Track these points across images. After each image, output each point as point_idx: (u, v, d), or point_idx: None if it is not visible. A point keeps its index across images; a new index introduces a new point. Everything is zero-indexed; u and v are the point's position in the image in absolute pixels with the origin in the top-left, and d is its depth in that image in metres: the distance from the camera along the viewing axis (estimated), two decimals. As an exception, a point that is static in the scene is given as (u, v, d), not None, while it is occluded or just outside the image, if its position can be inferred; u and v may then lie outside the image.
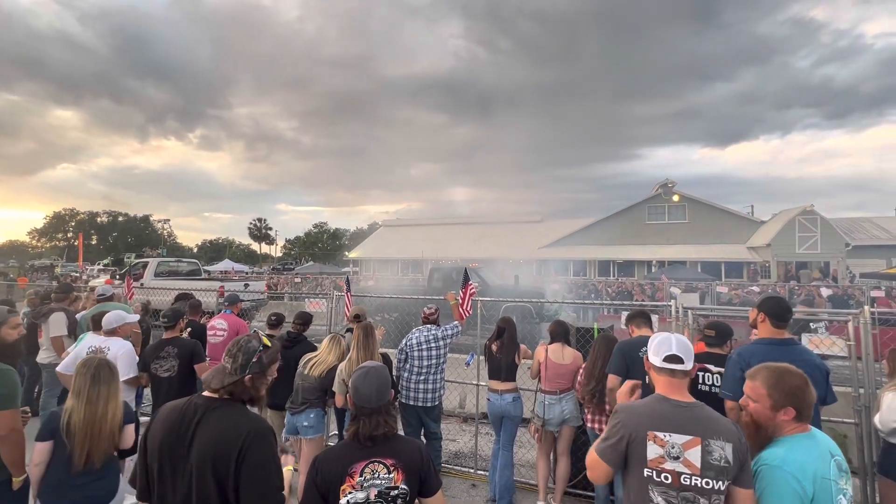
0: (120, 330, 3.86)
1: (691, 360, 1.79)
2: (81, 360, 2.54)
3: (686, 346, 1.82)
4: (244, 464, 1.59)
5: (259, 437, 1.64)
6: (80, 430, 2.33)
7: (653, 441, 1.68)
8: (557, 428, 3.87)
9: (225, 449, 1.60)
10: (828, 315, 5.79)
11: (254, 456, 1.60)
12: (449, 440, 5.42)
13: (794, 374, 1.71)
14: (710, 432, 1.65)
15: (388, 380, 1.84)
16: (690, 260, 26.65)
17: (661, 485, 1.66)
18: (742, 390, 2.69)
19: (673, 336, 1.84)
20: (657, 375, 1.83)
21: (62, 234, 75.58)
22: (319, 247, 76.98)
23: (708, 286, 17.24)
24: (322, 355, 3.85)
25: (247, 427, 1.65)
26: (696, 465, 1.62)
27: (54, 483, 2.34)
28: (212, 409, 1.68)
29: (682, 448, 1.65)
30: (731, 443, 1.63)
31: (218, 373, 1.74)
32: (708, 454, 1.62)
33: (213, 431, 1.63)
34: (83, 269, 36.12)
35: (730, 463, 1.61)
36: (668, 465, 1.66)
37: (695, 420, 1.69)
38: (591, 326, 4.60)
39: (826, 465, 1.56)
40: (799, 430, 1.65)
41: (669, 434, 1.67)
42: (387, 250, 37.66)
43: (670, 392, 1.78)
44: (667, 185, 29.64)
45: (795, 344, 2.74)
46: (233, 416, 1.68)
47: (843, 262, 24.02)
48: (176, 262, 16.56)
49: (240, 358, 1.73)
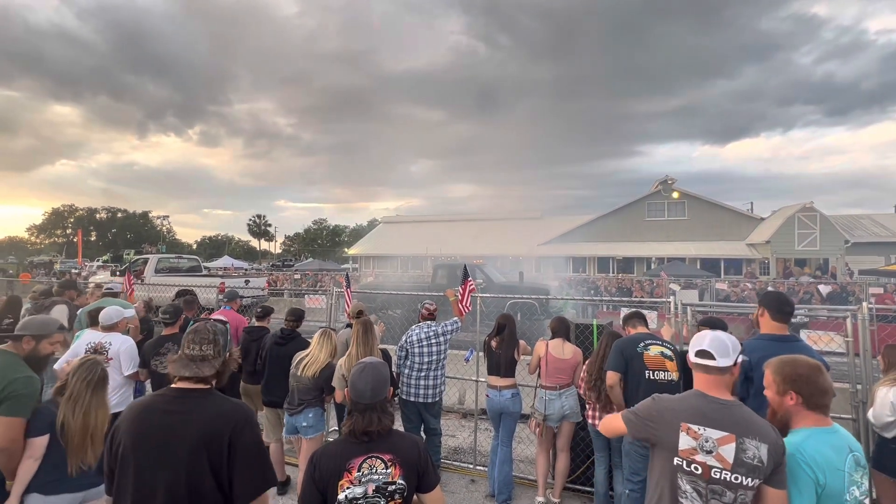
0: (119, 325, 3.86)
1: (728, 358, 1.77)
2: (80, 362, 2.51)
3: (721, 342, 1.79)
4: (237, 447, 1.65)
5: (249, 422, 1.74)
6: (76, 438, 2.34)
7: (686, 432, 1.73)
8: (557, 423, 3.88)
9: (218, 435, 1.65)
10: (826, 311, 5.79)
11: (246, 438, 1.68)
12: (448, 436, 5.43)
13: (800, 362, 1.75)
14: (747, 431, 1.67)
15: (384, 377, 1.84)
16: (690, 257, 26.67)
17: (690, 474, 1.71)
18: (741, 385, 2.71)
19: (710, 333, 1.84)
20: (695, 371, 1.86)
21: (61, 230, 75.54)
22: (319, 243, 76.97)
23: (707, 283, 17.26)
24: (314, 354, 3.80)
25: (236, 412, 1.73)
26: (728, 460, 1.66)
27: (52, 478, 2.35)
28: (198, 399, 1.73)
29: (717, 443, 1.68)
30: (768, 444, 1.65)
31: (193, 362, 1.77)
32: (742, 452, 1.65)
33: (205, 420, 1.67)
34: (82, 266, 36.09)
35: (763, 463, 1.63)
36: (699, 457, 1.70)
37: (731, 418, 1.71)
38: (590, 323, 4.60)
39: (841, 457, 1.60)
40: (819, 424, 1.69)
41: (704, 428, 1.71)
42: (386, 247, 37.65)
43: (707, 388, 1.80)
44: (666, 181, 29.60)
45: (796, 340, 2.75)
46: (221, 405, 1.74)
47: (843, 258, 24.03)
48: (176, 258, 16.54)
49: (220, 340, 1.83)
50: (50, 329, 2.70)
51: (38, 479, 2.35)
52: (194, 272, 15.35)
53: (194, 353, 1.77)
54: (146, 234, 75.86)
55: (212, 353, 1.78)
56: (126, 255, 49.75)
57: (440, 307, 4.49)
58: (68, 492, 2.37)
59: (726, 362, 1.77)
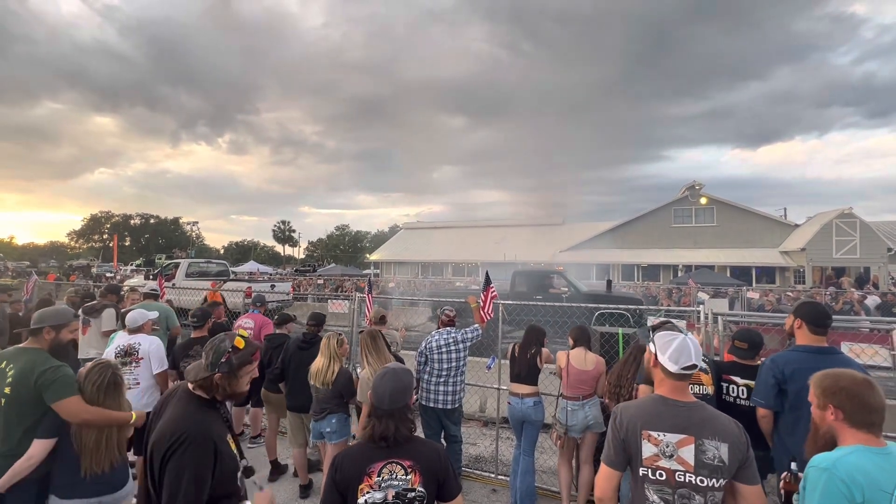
0: (144, 327, 3.98)
1: (692, 363, 1.76)
2: (91, 366, 2.55)
3: (699, 349, 1.81)
4: (167, 465, 1.61)
5: (188, 443, 1.60)
6: (90, 442, 2.38)
7: (647, 440, 1.72)
8: (581, 434, 3.79)
9: (160, 444, 1.64)
10: (870, 323, 5.49)
11: (175, 461, 1.59)
12: (469, 444, 5.38)
13: (844, 375, 1.66)
14: (706, 432, 1.67)
15: (405, 384, 1.81)
16: (719, 264, 25.82)
17: (656, 482, 1.69)
18: (774, 398, 2.58)
19: (690, 343, 1.79)
20: (665, 378, 1.80)
21: (98, 235, 78.97)
22: (341, 249, 78.06)
23: (738, 291, 16.64)
24: (321, 361, 3.80)
25: (183, 428, 1.64)
26: (689, 462, 1.66)
27: (66, 481, 2.37)
28: (172, 400, 1.79)
29: (676, 447, 1.68)
30: (727, 443, 1.65)
31: (196, 368, 1.82)
32: (702, 453, 1.65)
33: (162, 423, 1.71)
34: (117, 269, 37.62)
35: (724, 462, 1.63)
36: (662, 462, 1.69)
37: (690, 420, 1.71)
38: (615, 332, 4.50)
39: (891, 479, 1.46)
40: (867, 442, 1.55)
41: (663, 433, 1.70)
42: (407, 253, 37.86)
43: (672, 393, 1.78)
44: (694, 187, 28.83)
45: (836, 353, 2.61)
46: (179, 413, 1.71)
47: (885, 267, 22.79)
48: (206, 263, 17.01)
49: (211, 356, 1.79)
50: (67, 318, 2.76)
51: (54, 482, 2.38)
52: (222, 276, 15.78)
53: (202, 359, 1.84)
54: (177, 240, 78.58)
55: (203, 363, 1.81)
56: (158, 259, 51.62)
57: (455, 313, 4.41)
58: (82, 496, 2.38)
59: (690, 369, 1.74)
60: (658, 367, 1.82)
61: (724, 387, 3.14)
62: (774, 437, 2.66)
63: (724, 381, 3.15)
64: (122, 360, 3.80)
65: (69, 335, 2.76)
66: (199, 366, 1.82)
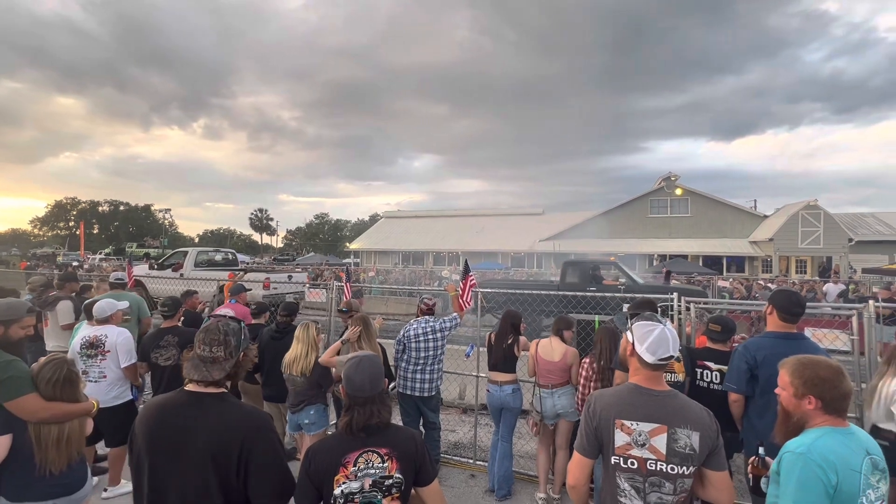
0: (113, 317, 3.82)
1: (669, 354, 1.76)
2: (45, 362, 2.40)
3: (677, 340, 1.80)
4: (250, 460, 1.57)
5: (261, 433, 1.63)
6: (48, 440, 2.24)
7: (619, 429, 1.73)
8: (553, 421, 3.84)
9: (225, 449, 1.57)
10: (832, 309, 5.73)
11: (259, 451, 1.59)
12: (448, 431, 5.41)
13: (822, 365, 1.68)
14: (679, 421, 1.69)
15: (381, 369, 1.81)
16: (692, 254, 26.56)
17: (627, 471, 1.71)
18: (746, 383, 2.66)
19: (669, 333, 1.78)
20: (641, 367, 1.79)
21: (64, 222, 75.71)
22: (321, 238, 77.01)
23: (709, 280, 17.18)
24: (297, 350, 3.73)
25: (246, 423, 1.63)
26: (661, 451, 1.67)
27: (18, 482, 2.22)
28: (208, 405, 1.64)
29: (648, 436, 1.69)
30: (699, 431, 1.67)
31: (204, 363, 1.67)
32: (674, 441, 1.67)
33: (209, 432, 1.59)
34: (84, 258, 36.19)
35: (695, 451, 1.66)
36: (634, 451, 1.70)
37: (663, 408, 1.71)
38: (591, 319, 4.56)
39: (857, 458, 1.52)
40: (834, 424, 1.61)
41: (636, 422, 1.71)
42: (388, 242, 37.63)
43: (646, 382, 1.78)
44: (670, 178, 29.46)
45: (803, 338, 2.70)
46: (229, 414, 1.64)
47: (846, 257, 23.91)
48: (214, 251, 15.98)
49: (232, 341, 1.71)
50: (19, 312, 2.51)
51: (2, 483, 2.21)
52: (231, 266, 14.63)
53: (205, 354, 1.67)
54: (148, 228, 75.98)
55: (222, 356, 1.67)
56: (128, 247, 49.82)
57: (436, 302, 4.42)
58: (33, 500, 2.23)
59: (667, 360, 1.75)
60: (634, 356, 1.82)
61: (699, 373, 3.22)
62: (744, 420, 2.75)
63: (699, 367, 3.23)
64: (88, 353, 3.64)
65: (20, 331, 2.50)
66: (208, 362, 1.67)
